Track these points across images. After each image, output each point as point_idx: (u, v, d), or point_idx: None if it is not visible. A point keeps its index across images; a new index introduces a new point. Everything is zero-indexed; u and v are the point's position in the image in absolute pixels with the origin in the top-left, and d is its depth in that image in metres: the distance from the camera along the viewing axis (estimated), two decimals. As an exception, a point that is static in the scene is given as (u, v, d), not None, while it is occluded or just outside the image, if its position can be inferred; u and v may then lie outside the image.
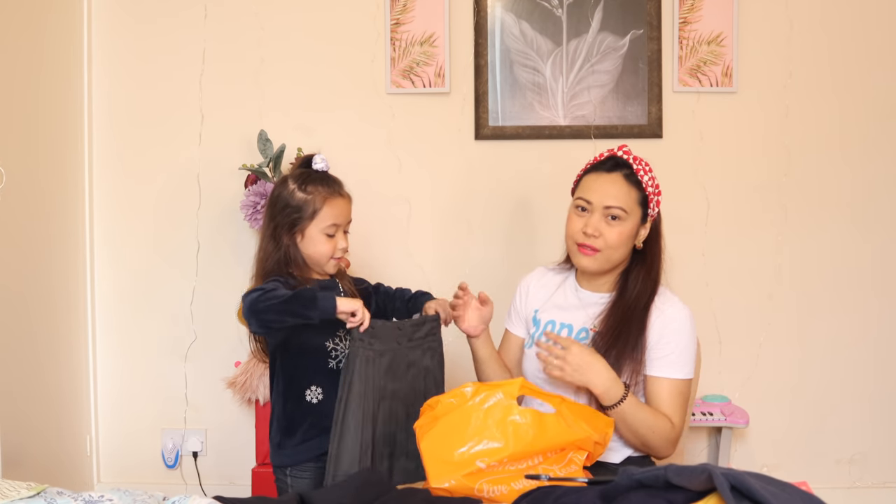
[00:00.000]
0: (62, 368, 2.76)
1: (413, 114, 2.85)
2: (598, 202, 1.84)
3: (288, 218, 1.87)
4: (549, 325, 1.94)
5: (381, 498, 1.46)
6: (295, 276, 1.87)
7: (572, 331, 1.91)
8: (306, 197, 1.86)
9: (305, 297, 1.73)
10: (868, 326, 2.87)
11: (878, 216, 2.86)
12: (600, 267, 1.88)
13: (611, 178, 1.85)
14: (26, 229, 2.54)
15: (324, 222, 1.86)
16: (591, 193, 1.86)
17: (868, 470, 2.90)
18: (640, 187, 1.86)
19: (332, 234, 1.88)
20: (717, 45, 2.80)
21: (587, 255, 1.86)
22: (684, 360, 1.84)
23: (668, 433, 1.81)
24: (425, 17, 2.80)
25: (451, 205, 2.88)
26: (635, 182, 1.85)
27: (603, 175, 1.87)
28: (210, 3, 2.85)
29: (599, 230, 1.83)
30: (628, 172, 1.86)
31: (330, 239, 1.88)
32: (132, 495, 1.50)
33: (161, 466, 2.95)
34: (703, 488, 1.19)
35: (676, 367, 1.83)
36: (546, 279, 2.04)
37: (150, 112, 2.89)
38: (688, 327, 1.86)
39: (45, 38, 2.64)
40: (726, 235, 2.86)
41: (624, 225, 1.84)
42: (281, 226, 1.87)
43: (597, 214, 1.84)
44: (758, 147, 2.85)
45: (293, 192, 1.87)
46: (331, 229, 1.87)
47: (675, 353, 1.83)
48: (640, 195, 1.86)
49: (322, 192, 1.86)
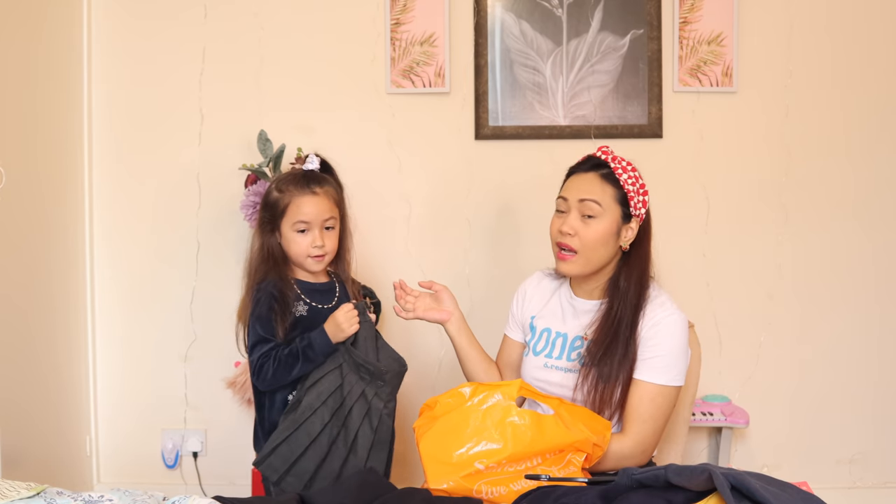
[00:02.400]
0: (62, 368, 2.76)
1: (413, 114, 2.85)
2: (572, 198, 1.86)
3: (267, 216, 1.95)
4: (545, 334, 1.94)
5: (381, 498, 1.46)
6: (283, 278, 1.92)
7: (567, 339, 1.91)
8: (279, 195, 1.93)
9: (304, 353, 1.86)
10: (869, 326, 2.87)
11: (878, 216, 2.86)
12: (581, 270, 1.87)
13: (586, 177, 1.87)
14: (26, 229, 2.54)
15: (291, 219, 1.91)
16: (566, 191, 1.89)
17: (868, 470, 2.90)
18: (617, 185, 1.85)
19: (302, 231, 1.91)
20: (718, 45, 2.80)
21: (565, 259, 1.87)
22: (668, 365, 1.80)
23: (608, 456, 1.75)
24: (425, 16, 2.80)
25: (451, 205, 2.88)
26: (612, 180, 1.85)
27: (579, 175, 1.89)
28: (210, 3, 2.85)
29: (575, 228, 1.84)
30: (606, 172, 1.86)
31: (301, 236, 1.91)
32: (132, 495, 1.50)
33: (161, 466, 2.95)
34: (704, 488, 1.19)
35: (657, 372, 1.79)
36: (543, 285, 2.04)
37: (150, 112, 2.89)
38: (678, 333, 1.82)
39: (44, 38, 2.64)
40: (727, 235, 2.86)
41: (600, 223, 1.83)
42: (264, 224, 1.95)
43: (573, 212, 1.85)
44: (758, 147, 2.85)
45: (271, 191, 1.95)
46: (299, 226, 1.90)
47: (658, 356, 1.80)
48: (617, 193, 1.85)
49: (292, 190, 1.92)
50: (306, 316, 1.93)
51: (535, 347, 1.95)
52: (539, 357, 1.93)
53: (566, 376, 1.87)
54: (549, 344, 1.93)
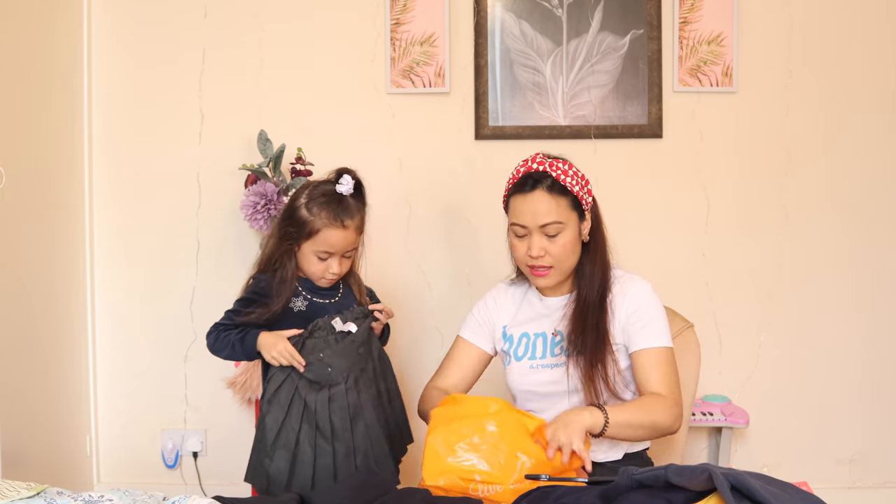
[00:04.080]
0: (62, 368, 2.76)
1: (413, 114, 2.85)
2: (532, 224, 1.83)
3: (290, 228, 1.91)
4: (524, 338, 1.94)
5: (381, 498, 1.46)
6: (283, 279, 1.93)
7: (546, 337, 1.92)
8: (309, 217, 1.88)
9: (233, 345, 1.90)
10: (868, 326, 2.87)
11: (878, 216, 2.86)
12: (558, 280, 1.89)
13: (535, 197, 1.82)
14: (26, 229, 2.54)
15: (317, 246, 1.88)
16: (522, 217, 1.84)
17: (868, 470, 2.90)
18: (565, 192, 1.83)
19: (323, 259, 1.90)
20: (718, 45, 2.80)
21: (542, 275, 1.86)
22: (660, 328, 1.84)
23: (665, 409, 1.76)
24: (425, 16, 2.80)
25: (451, 205, 2.88)
26: (559, 189, 1.82)
27: (527, 196, 1.84)
28: (210, 3, 2.85)
29: (544, 249, 1.83)
30: (550, 183, 1.82)
31: (321, 261, 1.90)
32: (132, 495, 1.50)
33: (161, 466, 2.95)
34: (704, 488, 1.19)
35: (655, 336, 1.83)
36: (509, 294, 2.03)
37: (150, 112, 2.89)
38: (654, 298, 1.87)
39: (45, 39, 2.64)
40: (727, 235, 2.86)
41: (565, 235, 1.83)
42: (286, 234, 1.92)
43: (535, 235, 1.83)
44: (758, 147, 2.85)
45: (300, 206, 1.90)
46: (322, 255, 1.89)
47: (651, 322, 1.84)
48: (569, 200, 1.83)
49: (324, 218, 1.87)
50: (305, 311, 1.93)
51: (517, 353, 1.94)
52: (522, 361, 1.93)
53: (553, 372, 1.88)
54: (531, 346, 1.93)
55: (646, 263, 1.98)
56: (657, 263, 2.79)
